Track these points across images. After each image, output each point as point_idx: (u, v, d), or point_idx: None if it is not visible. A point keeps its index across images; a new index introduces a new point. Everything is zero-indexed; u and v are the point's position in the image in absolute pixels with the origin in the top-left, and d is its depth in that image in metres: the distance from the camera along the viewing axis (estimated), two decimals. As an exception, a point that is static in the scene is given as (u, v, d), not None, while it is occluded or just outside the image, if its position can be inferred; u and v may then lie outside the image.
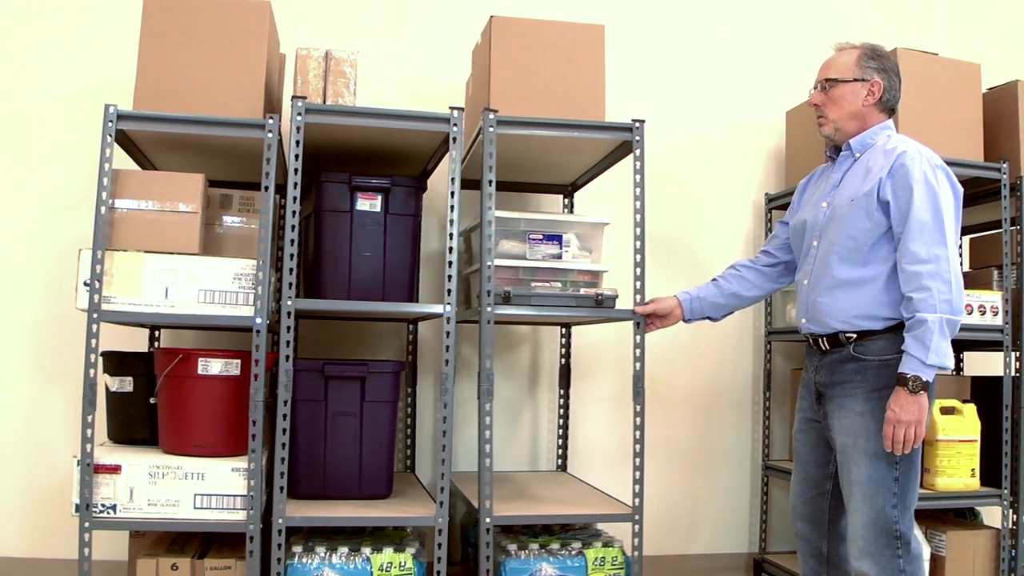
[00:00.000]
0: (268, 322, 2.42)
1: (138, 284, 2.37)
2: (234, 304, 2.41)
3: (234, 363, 2.48)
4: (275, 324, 2.50)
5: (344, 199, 2.60)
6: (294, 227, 2.41)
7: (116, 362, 2.67)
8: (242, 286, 2.42)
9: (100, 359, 2.48)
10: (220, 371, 2.48)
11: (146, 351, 2.84)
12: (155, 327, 3.03)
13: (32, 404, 3.07)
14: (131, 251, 2.39)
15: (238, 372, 2.48)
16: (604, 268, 2.72)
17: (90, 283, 2.34)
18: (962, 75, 3.01)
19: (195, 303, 2.39)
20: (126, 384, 2.65)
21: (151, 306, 2.38)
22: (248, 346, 2.40)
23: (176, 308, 2.39)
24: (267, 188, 2.43)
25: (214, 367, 2.47)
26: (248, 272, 2.42)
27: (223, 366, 2.48)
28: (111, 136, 2.39)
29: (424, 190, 2.73)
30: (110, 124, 2.39)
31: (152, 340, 3.05)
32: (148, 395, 2.58)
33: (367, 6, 3.37)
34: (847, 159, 2.24)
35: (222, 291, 2.41)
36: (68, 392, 3.04)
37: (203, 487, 2.38)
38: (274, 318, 2.52)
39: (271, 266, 2.48)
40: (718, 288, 2.49)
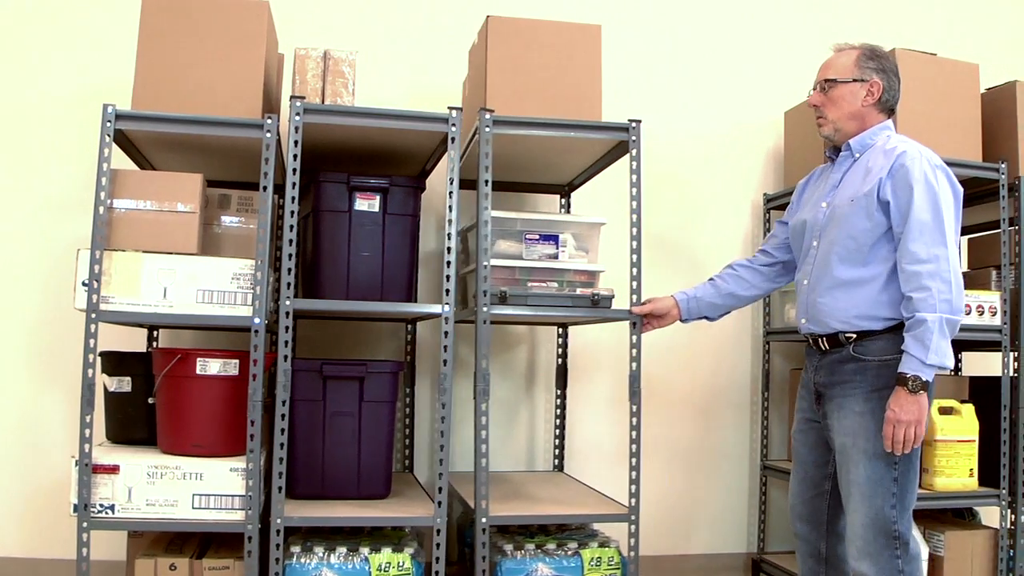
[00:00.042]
0: (266, 322, 2.42)
1: (136, 284, 2.37)
2: (232, 304, 2.41)
3: (232, 363, 2.48)
4: (273, 324, 2.50)
5: (342, 199, 2.60)
6: (292, 227, 2.41)
7: (114, 362, 2.67)
8: (240, 286, 2.42)
9: (98, 359, 2.47)
10: (218, 371, 2.47)
11: (144, 351, 2.83)
12: (153, 327, 3.03)
13: (30, 404, 3.07)
14: (129, 251, 2.39)
15: (236, 372, 2.48)
16: (601, 268, 2.71)
17: (88, 283, 2.34)
18: (961, 75, 3.01)
19: (193, 303, 2.39)
20: (124, 384, 2.65)
21: (149, 306, 2.38)
22: (246, 346, 2.40)
23: (174, 308, 2.39)
24: (265, 188, 2.43)
25: (212, 367, 2.47)
26: (246, 272, 2.42)
27: (221, 366, 2.48)
28: (109, 136, 2.39)
29: (422, 190, 2.73)
30: (108, 124, 2.39)
31: (150, 340, 3.05)
32: (146, 395, 2.58)
33: (366, 6, 3.37)
34: (847, 159, 2.24)
35: (220, 291, 2.41)
36: (66, 392, 3.04)
37: (201, 487, 2.38)
38: (272, 318, 2.51)
39: (269, 266, 2.48)
40: (715, 288, 2.49)
